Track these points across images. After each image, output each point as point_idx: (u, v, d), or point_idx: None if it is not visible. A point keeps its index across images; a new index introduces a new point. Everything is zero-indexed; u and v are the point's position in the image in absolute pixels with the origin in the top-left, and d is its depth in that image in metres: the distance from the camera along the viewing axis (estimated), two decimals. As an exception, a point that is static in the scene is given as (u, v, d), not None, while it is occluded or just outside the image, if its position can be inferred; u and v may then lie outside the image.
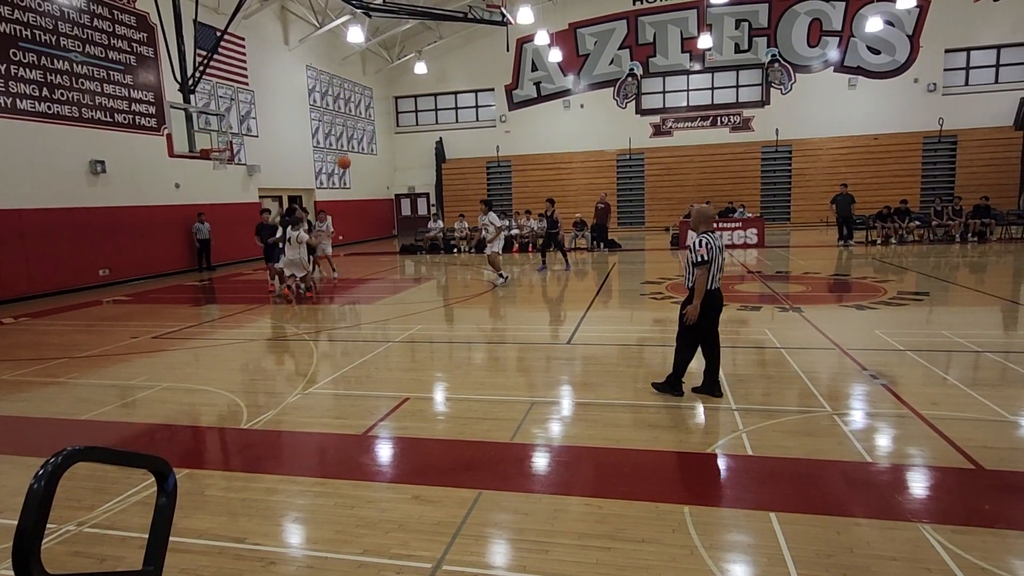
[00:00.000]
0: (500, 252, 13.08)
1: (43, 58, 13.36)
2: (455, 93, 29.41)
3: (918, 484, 3.83)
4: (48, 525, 1.26)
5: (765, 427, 4.70)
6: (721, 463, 4.18)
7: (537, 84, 28.18)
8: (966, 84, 24.29)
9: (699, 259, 5.13)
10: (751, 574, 2.97)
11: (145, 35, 15.89)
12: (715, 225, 5.50)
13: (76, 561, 3.25)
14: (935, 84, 24.17)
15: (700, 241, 5.18)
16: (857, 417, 4.89)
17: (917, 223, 18.75)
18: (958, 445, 4.25)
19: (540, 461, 4.36)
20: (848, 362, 6.41)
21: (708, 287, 5.18)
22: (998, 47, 23.70)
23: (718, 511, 3.54)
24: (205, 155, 14.18)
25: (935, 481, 3.87)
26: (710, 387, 5.45)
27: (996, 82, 23.99)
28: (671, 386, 5.48)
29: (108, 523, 3.64)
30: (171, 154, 13.54)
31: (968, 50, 23.98)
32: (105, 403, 5.98)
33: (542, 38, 22.97)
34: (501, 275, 12.70)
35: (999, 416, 4.77)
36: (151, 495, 3.87)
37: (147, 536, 1.52)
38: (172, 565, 3.10)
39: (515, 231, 20.54)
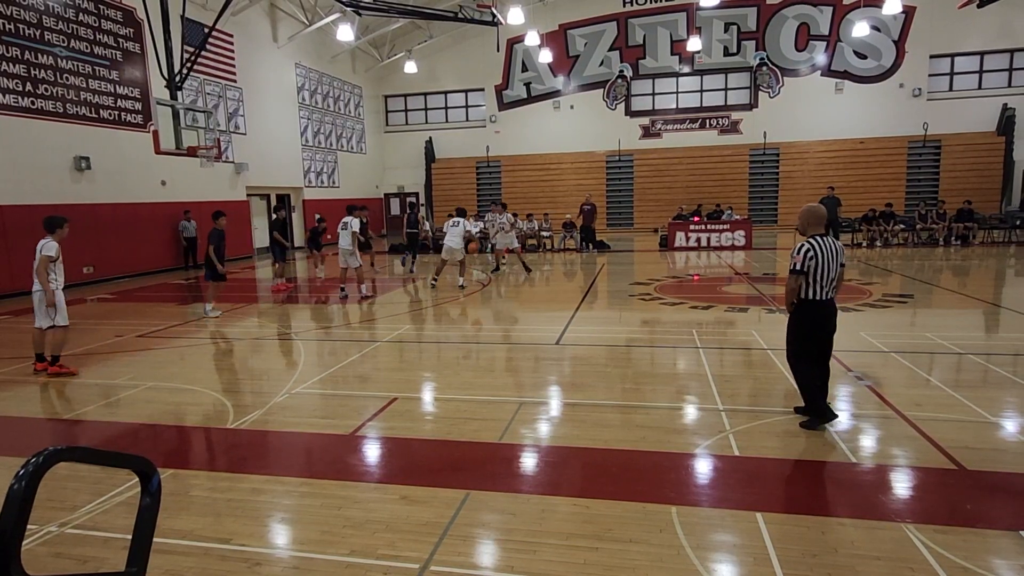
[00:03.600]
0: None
1: (27, 52, 13.17)
2: (445, 93, 29.35)
3: (902, 484, 3.87)
4: (29, 526, 1.24)
5: (752, 428, 4.73)
6: (708, 464, 4.20)
7: (527, 85, 28.20)
8: (950, 89, 24.61)
9: (793, 267, 4.53)
10: (737, 574, 2.99)
11: (131, 30, 15.71)
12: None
13: (58, 563, 3.20)
14: (920, 89, 24.46)
15: (800, 247, 4.55)
16: (842, 418, 4.92)
17: (902, 226, 18.97)
18: (941, 446, 4.30)
19: (528, 461, 4.36)
20: (833, 363, 6.43)
21: (814, 297, 4.55)
22: (982, 53, 24.04)
23: (705, 511, 3.56)
24: (192, 152, 14.06)
25: (918, 481, 3.91)
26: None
27: (980, 88, 24.33)
28: (817, 414, 4.68)
29: (91, 524, 3.60)
30: (157, 151, 13.42)
31: (952, 56, 24.31)
32: (88, 402, 5.91)
33: (532, 39, 23.00)
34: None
35: (981, 417, 4.83)
36: (135, 496, 3.82)
37: (130, 537, 1.50)
38: (156, 566, 3.07)
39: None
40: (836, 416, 4.68)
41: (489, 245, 16.08)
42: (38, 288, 6.83)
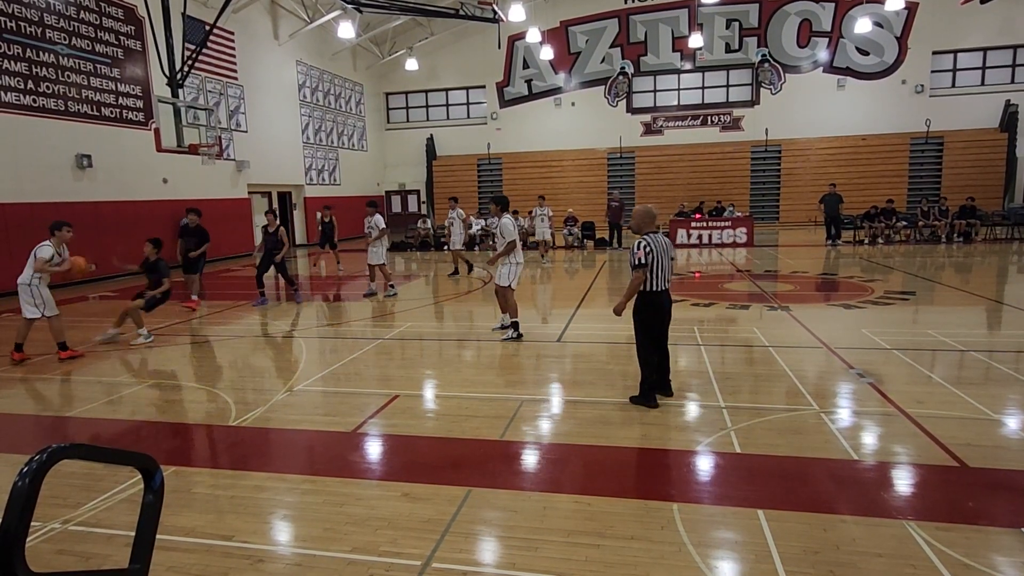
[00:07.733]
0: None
1: (28, 50, 13.17)
2: (446, 90, 29.31)
3: (903, 481, 3.87)
4: (33, 523, 1.25)
5: (753, 425, 4.73)
6: (709, 461, 4.20)
7: (528, 82, 28.16)
8: (953, 86, 24.54)
9: (636, 262, 5.01)
10: (739, 571, 3.00)
11: (132, 28, 15.70)
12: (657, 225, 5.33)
13: (61, 559, 3.21)
14: (922, 86, 24.40)
15: (639, 244, 5.05)
16: (844, 415, 4.93)
17: (904, 223, 18.93)
18: (943, 443, 4.30)
19: (529, 459, 4.36)
20: (835, 361, 6.46)
21: (652, 289, 5.08)
22: (984, 50, 23.96)
23: (706, 508, 3.56)
24: (193, 150, 14.07)
25: (920, 478, 3.91)
26: (660, 387, 5.35)
27: (982, 84, 24.26)
28: (644, 397, 5.24)
29: (94, 521, 3.61)
30: (159, 149, 13.43)
31: (955, 52, 24.23)
32: (91, 400, 5.92)
33: (533, 36, 22.95)
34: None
35: (983, 414, 4.83)
36: (137, 493, 3.83)
37: (133, 534, 1.50)
38: (159, 563, 3.08)
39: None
40: (658, 406, 5.17)
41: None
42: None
